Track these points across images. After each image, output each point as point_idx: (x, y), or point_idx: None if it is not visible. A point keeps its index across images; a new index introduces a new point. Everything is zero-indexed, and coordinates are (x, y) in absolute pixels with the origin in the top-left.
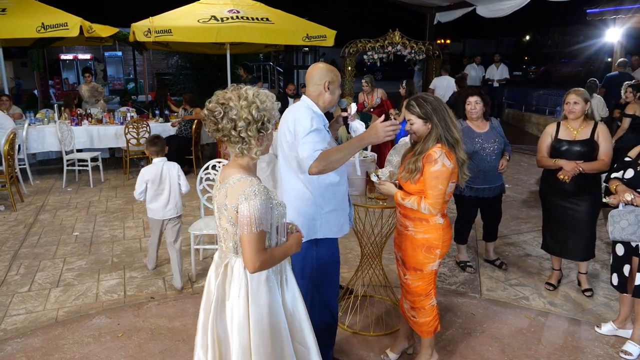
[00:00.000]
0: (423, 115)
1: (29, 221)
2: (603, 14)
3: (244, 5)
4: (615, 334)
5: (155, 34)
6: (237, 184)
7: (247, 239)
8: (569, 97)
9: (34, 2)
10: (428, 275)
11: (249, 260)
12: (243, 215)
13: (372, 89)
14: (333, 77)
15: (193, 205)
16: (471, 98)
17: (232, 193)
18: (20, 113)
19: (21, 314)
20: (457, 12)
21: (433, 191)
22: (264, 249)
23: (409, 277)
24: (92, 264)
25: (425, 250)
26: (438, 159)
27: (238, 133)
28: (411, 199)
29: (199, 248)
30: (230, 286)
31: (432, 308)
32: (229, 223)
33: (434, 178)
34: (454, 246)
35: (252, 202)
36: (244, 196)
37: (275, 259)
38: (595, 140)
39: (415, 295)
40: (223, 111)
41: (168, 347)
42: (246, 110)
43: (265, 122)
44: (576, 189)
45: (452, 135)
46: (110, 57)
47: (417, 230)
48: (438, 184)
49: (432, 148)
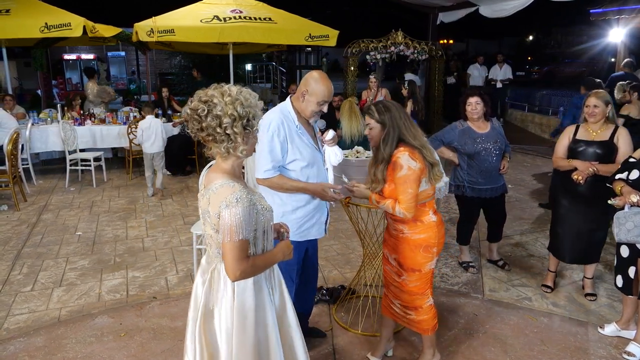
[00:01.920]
0: (380, 120)
1: (32, 221)
2: (606, 14)
3: (246, 5)
4: (618, 335)
5: (158, 34)
6: (220, 190)
7: (228, 247)
8: (590, 100)
9: (38, 3)
10: (425, 275)
11: (230, 269)
12: (224, 223)
13: (379, 87)
14: (313, 90)
15: (196, 205)
16: (471, 99)
17: (214, 200)
18: (24, 113)
19: (24, 313)
20: (460, 12)
21: (404, 196)
22: (246, 257)
23: (407, 278)
24: (94, 264)
25: (423, 250)
26: (403, 164)
27: (224, 130)
28: (386, 202)
29: (201, 248)
30: (217, 292)
31: (429, 307)
32: (212, 229)
33: (402, 183)
34: (456, 246)
35: (233, 210)
36: (225, 203)
37: (257, 268)
38: (614, 142)
39: (412, 295)
40: (207, 109)
41: (170, 347)
42: (231, 106)
43: (250, 118)
44: (590, 193)
45: (415, 140)
46: (113, 57)
47: (413, 231)
48: (407, 188)
49: (396, 153)
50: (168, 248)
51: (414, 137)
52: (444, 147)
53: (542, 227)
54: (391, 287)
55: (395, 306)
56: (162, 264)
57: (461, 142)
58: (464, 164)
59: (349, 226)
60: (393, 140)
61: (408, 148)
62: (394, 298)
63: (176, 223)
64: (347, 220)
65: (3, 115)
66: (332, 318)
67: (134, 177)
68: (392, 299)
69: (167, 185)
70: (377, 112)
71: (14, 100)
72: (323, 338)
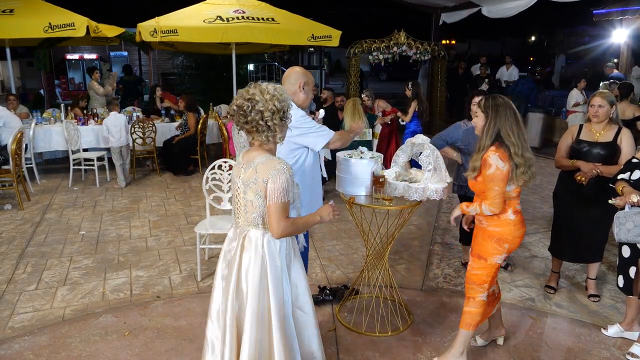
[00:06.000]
0: (485, 111)
1: (36, 220)
2: (609, 15)
3: (249, 6)
4: (621, 336)
5: (161, 34)
6: (267, 162)
7: (274, 208)
8: (594, 99)
9: (41, 3)
10: (490, 267)
11: (274, 227)
12: (273, 187)
13: (373, 102)
14: (308, 79)
15: (199, 204)
16: (477, 98)
17: (262, 169)
18: (27, 112)
19: (28, 312)
20: (462, 12)
21: (490, 192)
22: (287, 217)
23: (472, 263)
24: (98, 263)
25: (495, 241)
26: (492, 163)
27: (265, 122)
28: (473, 205)
29: (204, 248)
30: (247, 254)
31: (481, 302)
32: (255, 196)
33: (489, 180)
34: (459, 247)
35: (281, 177)
36: (275, 171)
37: (298, 226)
38: (617, 144)
39: (470, 283)
40: (251, 105)
41: (174, 346)
42: (270, 102)
43: (285, 111)
44: (592, 194)
45: (513, 143)
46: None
47: (489, 223)
48: (494, 186)
49: (488, 151)
50: (171, 247)
51: (513, 139)
52: (447, 147)
53: (546, 228)
54: None
55: None
56: (166, 263)
57: (465, 141)
58: (467, 164)
59: (351, 226)
60: (492, 135)
61: (501, 149)
62: None
63: (179, 223)
64: (349, 220)
65: (7, 115)
66: (335, 318)
67: (137, 177)
68: None
69: (169, 185)
70: (484, 104)
71: (17, 100)
72: (327, 338)
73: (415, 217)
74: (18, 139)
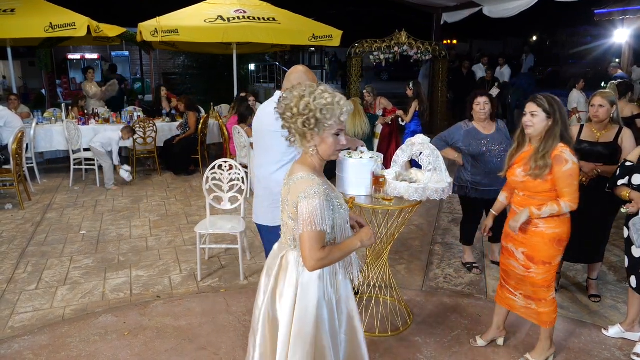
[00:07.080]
0: (549, 111)
1: (37, 219)
2: (611, 15)
3: (250, 5)
4: (622, 337)
5: (162, 33)
6: (300, 182)
7: (305, 237)
8: (595, 99)
9: (42, 2)
10: (553, 268)
11: (306, 258)
12: (302, 214)
13: (375, 99)
14: (310, 79)
15: (200, 204)
16: (480, 98)
17: (294, 189)
18: (28, 112)
19: (28, 311)
20: (464, 12)
21: (570, 189)
22: (322, 247)
23: (536, 270)
24: (98, 263)
25: (556, 244)
26: (568, 159)
27: (293, 123)
28: (547, 206)
29: (205, 247)
30: (284, 276)
31: (552, 300)
32: (289, 218)
33: (568, 177)
34: (459, 247)
35: (311, 202)
36: (304, 194)
37: (334, 257)
38: (618, 144)
39: (538, 287)
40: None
41: (174, 346)
42: (299, 101)
43: (310, 118)
44: (593, 194)
45: (570, 136)
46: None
47: (548, 226)
48: (573, 182)
49: (557, 148)
50: (172, 247)
51: (570, 137)
52: (448, 148)
53: None
54: (513, 280)
55: (516, 297)
56: (166, 263)
57: (466, 143)
58: (468, 165)
59: None
60: (558, 132)
61: (567, 145)
62: (515, 289)
63: (180, 222)
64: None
65: (8, 115)
66: None
67: (137, 177)
68: (512, 290)
69: (170, 185)
70: (547, 102)
71: (18, 100)
72: None
73: (416, 217)
74: (19, 138)
